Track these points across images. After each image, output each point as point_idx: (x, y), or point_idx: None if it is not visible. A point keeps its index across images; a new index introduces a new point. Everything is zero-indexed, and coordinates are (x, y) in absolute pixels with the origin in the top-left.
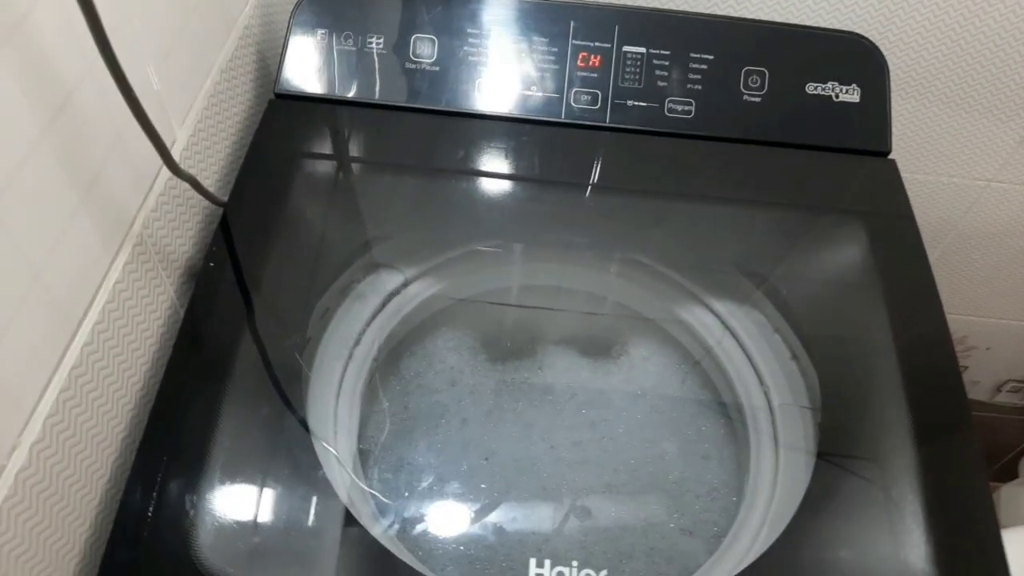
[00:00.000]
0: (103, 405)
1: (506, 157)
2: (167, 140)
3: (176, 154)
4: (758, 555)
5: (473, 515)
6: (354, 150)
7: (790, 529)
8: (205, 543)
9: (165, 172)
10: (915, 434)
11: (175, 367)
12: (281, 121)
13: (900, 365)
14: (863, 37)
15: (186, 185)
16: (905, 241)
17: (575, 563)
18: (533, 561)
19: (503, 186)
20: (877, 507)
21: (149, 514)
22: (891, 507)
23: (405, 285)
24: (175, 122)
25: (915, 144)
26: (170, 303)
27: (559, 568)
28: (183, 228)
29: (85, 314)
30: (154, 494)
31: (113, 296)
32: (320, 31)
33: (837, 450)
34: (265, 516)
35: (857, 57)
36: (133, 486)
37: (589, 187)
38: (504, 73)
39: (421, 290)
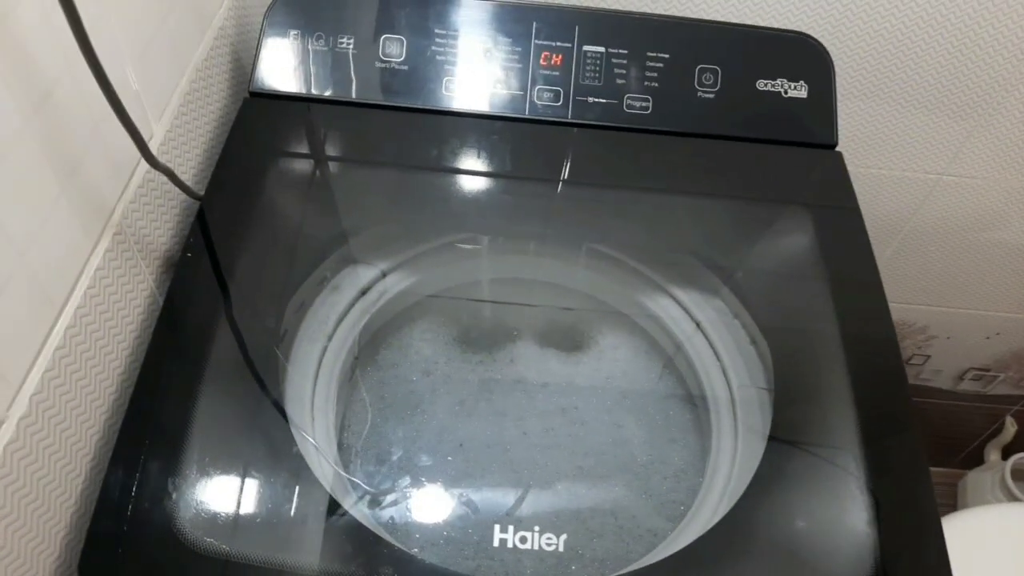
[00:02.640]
0: (86, 386)
1: (473, 153)
2: (144, 134)
3: (153, 148)
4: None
5: (449, 497)
6: (326, 147)
7: (742, 500)
8: (186, 517)
9: (143, 165)
10: (858, 413)
11: (154, 352)
12: (255, 119)
13: (845, 349)
14: (810, 37)
15: (164, 178)
16: (848, 227)
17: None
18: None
19: (472, 181)
20: (823, 481)
21: (132, 492)
22: (836, 481)
23: (378, 279)
24: (152, 117)
25: (867, 140)
26: (149, 292)
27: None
28: (161, 220)
29: (68, 298)
30: (136, 473)
31: (94, 282)
32: (293, 31)
33: (788, 430)
34: (245, 494)
35: (804, 55)
36: (115, 465)
37: (554, 181)
38: (470, 71)
39: (394, 284)
